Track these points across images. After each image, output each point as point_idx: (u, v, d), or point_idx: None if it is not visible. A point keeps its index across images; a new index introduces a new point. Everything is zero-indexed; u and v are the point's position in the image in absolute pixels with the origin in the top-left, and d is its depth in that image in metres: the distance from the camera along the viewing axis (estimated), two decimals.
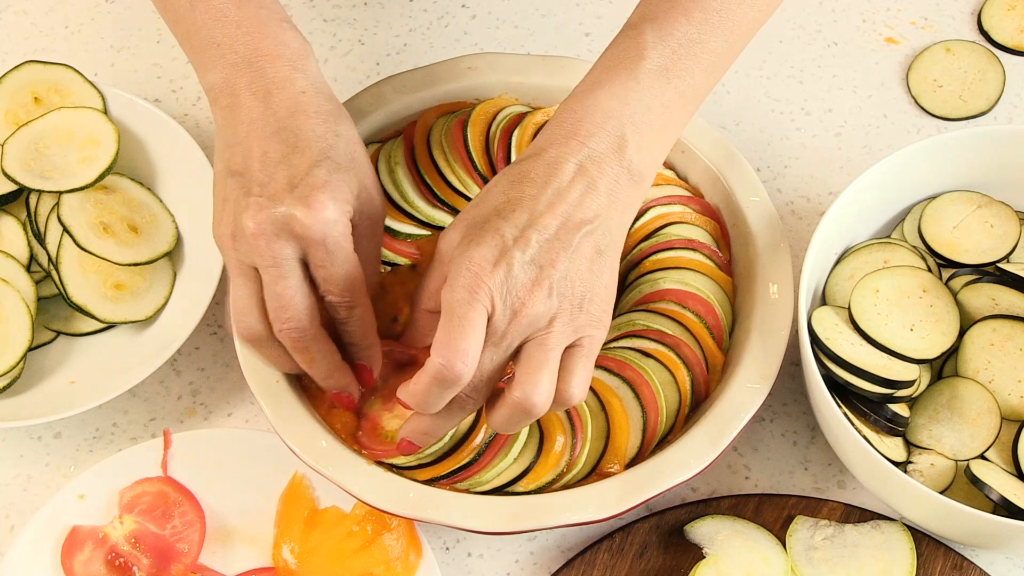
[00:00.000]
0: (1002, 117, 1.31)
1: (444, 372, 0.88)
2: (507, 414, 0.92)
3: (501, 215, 0.92)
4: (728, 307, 1.11)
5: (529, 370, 0.91)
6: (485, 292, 0.89)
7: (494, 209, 0.93)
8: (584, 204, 0.93)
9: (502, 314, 0.89)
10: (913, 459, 1.05)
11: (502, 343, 0.90)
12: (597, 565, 1.05)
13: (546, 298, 0.90)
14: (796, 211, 1.25)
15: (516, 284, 0.90)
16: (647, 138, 0.96)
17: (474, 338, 0.88)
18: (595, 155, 0.94)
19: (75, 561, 1.05)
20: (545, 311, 0.90)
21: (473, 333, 0.88)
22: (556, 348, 0.91)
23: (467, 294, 0.89)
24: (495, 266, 0.89)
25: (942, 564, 1.05)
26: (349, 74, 1.33)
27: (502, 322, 0.90)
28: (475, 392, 0.92)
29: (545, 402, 0.91)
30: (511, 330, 0.90)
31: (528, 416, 0.92)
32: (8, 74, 1.22)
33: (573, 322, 0.92)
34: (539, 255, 0.91)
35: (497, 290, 0.89)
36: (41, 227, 1.16)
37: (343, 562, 1.05)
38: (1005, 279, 1.09)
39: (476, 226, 0.92)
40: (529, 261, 0.90)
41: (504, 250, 0.90)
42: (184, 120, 1.29)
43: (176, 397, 1.16)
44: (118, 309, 1.14)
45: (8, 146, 1.17)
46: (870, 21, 1.37)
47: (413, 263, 1.14)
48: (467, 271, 0.89)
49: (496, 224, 0.91)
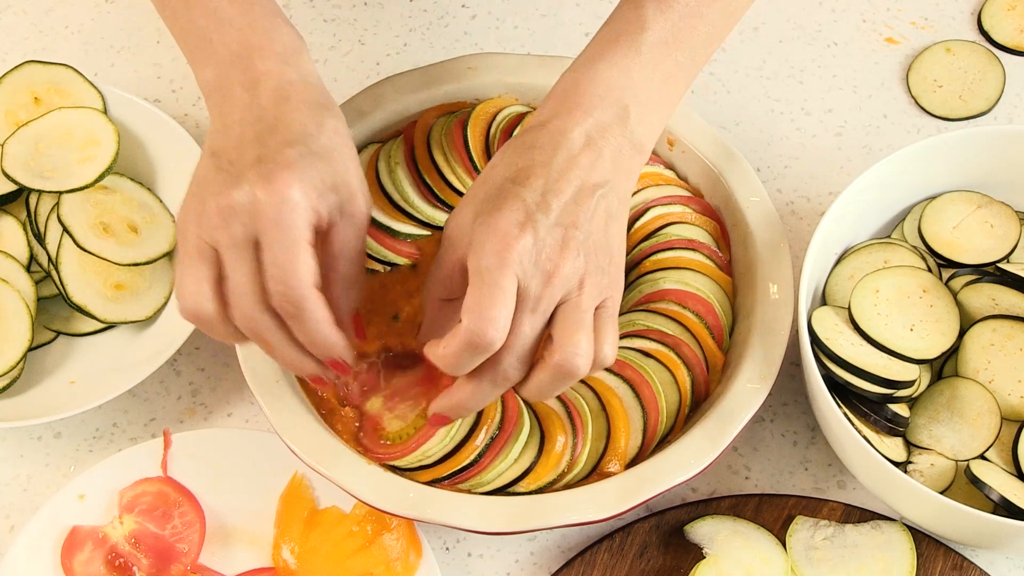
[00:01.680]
0: (1002, 117, 1.31)
1: (475, 339, 0.87)
2: (548, 379, 0.91)
3: (517, 182, 0.91)
4: (728, 307, 1.11)
5: (568, 332, 0.90)
6: (515, 257, 0.88)
7: (507, 179, 0.92)
8: (594, 170, 0.93)
9: (535, 278, 0.89)
10: (913, 459, 1.05)
11: (539, 307, 0.89)
12: (597, 565, 1.05)
13: (575, 258, 0.90)
14: (796, 211, 1.25)
15: (545, 247, 0.89)
16: (648, 109, 0.97)
17: (505, 305, 0.87)
18: (600, 125, 0.94)
19: (75, 561, 1.05)
20: (575, 272, 0.90)
21: (504, 299, 0.87)
22: (590, 309, 0.91)
23: (497, 260, 0.88)
24: (522, 229, 0.89)
25: (942, 564, 1.05)
26: (349, 74, 1.33)
27: (537, 286, 0.89)
28: (519, 362, 0.91)
29: (587, 363, 0.90)
30: (546, 293, 0.89)
31: (570, 379, 0.91)
32: (8, 74, 1.22)
33: (599, 283, 0.92)
34: (562, 217, 0.90)
35: (527, 254, 0.88)
36: (41, 227, 1.16)
37: (343, 562, 1.05)
38: (1005, 279, 1.09)
39: (491, 198, 0.91)
40: (554, 224, 0.90)
41: (529, 214, 0.89)
42: (184, 120, 1.29)
43: (176, 397, 1.16)
44: (118, 309, 1.14)
45: (8, 146, 1.17)
46: (870, 21, 1.37)
47: (413, 263, 1.14)
48: (494, 237, 0.88)
49: (514, 191, 0.91)
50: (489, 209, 0.90)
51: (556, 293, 0.90)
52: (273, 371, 1.05)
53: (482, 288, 0.88)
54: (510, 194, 0.91)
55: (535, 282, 0.89)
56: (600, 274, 0.92)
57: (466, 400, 0.93)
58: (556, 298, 0.90)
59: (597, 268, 0.92)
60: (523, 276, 0.88)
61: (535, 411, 1.05)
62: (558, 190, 0.91)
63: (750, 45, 1.35)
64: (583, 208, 0.91)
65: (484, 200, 0.92)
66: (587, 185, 0.92)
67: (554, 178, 0.91)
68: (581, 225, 0.91)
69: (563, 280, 0.90)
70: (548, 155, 0.92)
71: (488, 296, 0.87)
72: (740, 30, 1.36)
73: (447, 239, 0.95)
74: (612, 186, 0.94)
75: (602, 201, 0.93)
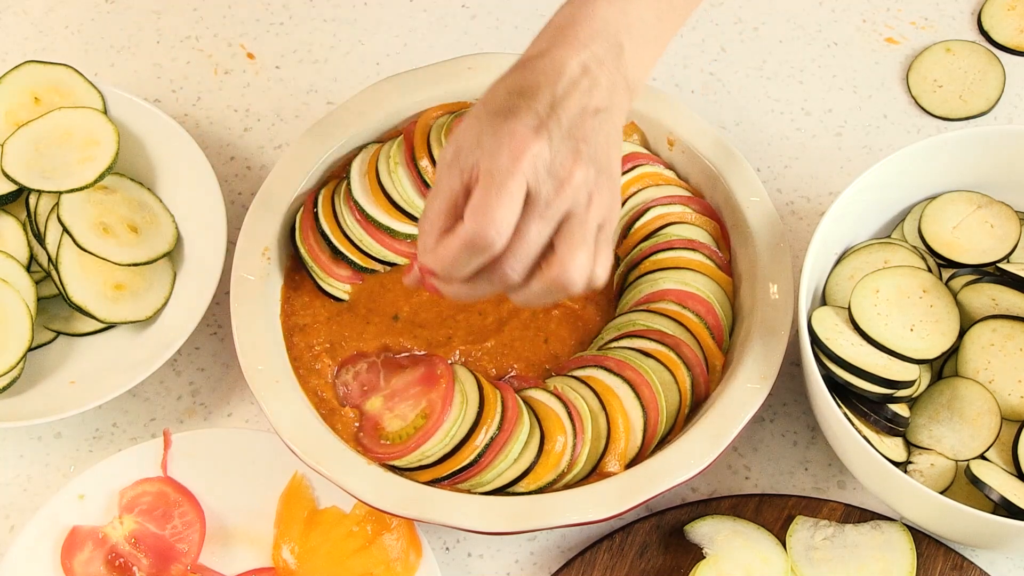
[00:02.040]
0: (1002, 117, 1.31)
1: (476, 239, 0.87)
2: (542, 290, 0.91)
3: (525, 96, 0.91)
4: (728, 307, 1.11)
5: (570, 247, 0.90)
6: (529, 160, 0.87)
7: (513, 94, 0.91)
8: (593, 95, 0.92)
9: (547, 184, 0.88)
10: (913, 459, 1.05)
11: (547, 214, 0.89)
12: (597, 565, 1.05)
13: (587, 170, 0.90)
14: (796, 211, 1.25)
15: (559, 154, 0.89)
16: (641, 48, 0.97)
17: (511, 208, 0.87)
18: (596, 58, 0.94)
19: (75, 561, 1.05)
20: (585, 183, 0.90)
21: (511, 202, 0.87)
22: (593, 227, 0.91)
23: (510, 162, 0.87)
24: (537, 134, 0.88)
25: (942, 564, 1.05)
26: (349, 74, 1.33)
27: (548, 193, 0.88)
28: (521, 266, 0.90)
29: (583, 279, 0.90)
30: (557, 201, 0.89)
31: (564, 293, 0.91)
32: (8, 74, 1.22)
33: (604, 202, 0.91)
34: (572, 130, 0.90)
35: (541, 159, 0.88)
36: (41, 227, 1.16)
37: (343, 562, 1.05)
38: (1005, 279, 1.08)
39: (500, 111, 0.90)
40: (566, 134, 0.90)
41: (542, 121, 0.89)
42: (184, 120, 1.29)
43: (176, 397, 1.16)
44: (118, 309, 1.14)
45: (8, 146, 1.17)
46: (870, 21, 1.37)
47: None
48: (510, 141, 0.88)
49: (524, 102, 0.90)
50: (499, 121, 0.90)
51: (566, 202, 0.89)
52: (273, 371, 1.05)
53: (491, 189, 0.87)
54: (520, 106, 0.90)
55: (547, 188, 0.88)
56: (606, 193, 0.92)
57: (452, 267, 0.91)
58: (564, 208, 0.89)
59: (603, 186, 0.91)
60: (535, 181, 0.88)
61: (535, 411, 1.05)
62: (565, 106, 0.91)
63: (750, 45, 1.35)
64: (588, 126, 0.91)
65: (490, 115, 0.91)
66: (589, 108, 0.92)
67: (560, 96, 0.91)
68: (589, 141, 0.91)
69: (574, 190, 0.89)
70: (550, 79, 0.92)
71: (496, 197, 0.87)
72: (740, 30, 1.36)
73: (451, 163, 0.92)
74: (610, 113, 0.94)
75: (603, 124, 0.92)
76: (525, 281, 0.91)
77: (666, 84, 1.32)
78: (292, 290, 1.12)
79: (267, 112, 1.31)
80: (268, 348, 1.07)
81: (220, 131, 1.29)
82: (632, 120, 1.18)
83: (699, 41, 1.35)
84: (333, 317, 1.11)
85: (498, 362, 1.10)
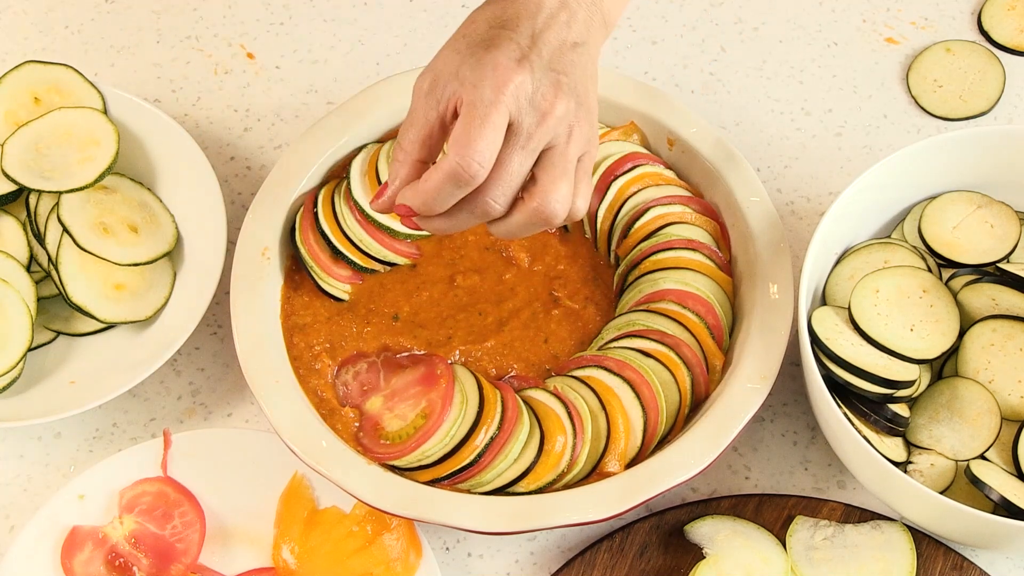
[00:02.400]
0: (1002, 117, 1.31)
1: (459, 171, 0.87)
2: (524, 221, 0.91)
3: (506, 27, 0.91)
4: (728, 307, 1.11)
5: (552, 178, 0.90)
6: (511, 91, 0.88)
7: (494, 25, 0.92)
8: (571, 29, 0.93)
9: (530, 115, 0.89)
10: (913, 459, 1.05)
11: (529, 145, 0.89)
12: (597, 565, 1.05)
13: (568, 101, 0.90)
14: (796, 211, 1.25)
15: (541, 85, 0.89)
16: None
17: (493, 139, 0.87)
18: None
19: (75, 561, 1.05)
20: (566, 115, 0.90)
21: (493, 133, 0.87)
22: (574, 159, 0.91)
23: (493, 93, 0.87)
24: (520, 65, 0.89)
25: (942, 564, 1.05)
26: (349, 74, 1.33)
27: (530, 124, 0.89)
28: (503, 196, 0.91)
29: (564, 211, 0.91)
30: (539, 132, 0.89)
31: (545, 225, 0.91)
32: (8, 74, 1.22)
33: (585, 134, 0.92)
34: (552, 63, 0.91)
35: (523, 90, 0.88)
36: (41, 227, 1.16)
37: (343, 562, 1.05)
38: (1005, 279, 1.08)
39: (481, 42, 0.91)
40: (547, 66, 0.90)
41: (524, 53, 0.90)
42: (184, 120, 1.29)
43: (176, 397, 1.16)
44: (118, 309, 1.14)
45: (8, 146, 1.17)
46: (870, 21, 1.37)
47: (413, 263, 1.15)
48: (493, 72, 0.88)
49: (505, 34, 0.91)
50: (480, 51, 0.90)
51: (547, 133, 0.90)
52: (273, 371, 1.05)
53: (473, 121, 0.87)
54: (501, 37, 0.90)
55: (529, 119, 0.89)
56: (585, 125, 0.92)
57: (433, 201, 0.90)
58: (546, 139, 0.90)
59: (584, 120, 0.92)
60: (517, 112, 0.88)
61: (535, 411, 1.05)
62: (545, 39, 0.91)
63: (750, 45, 1.35)
64: (567, 59, 0.92)
65: (470, 46, 0.91)
66: (567, 41, 0.92)
67: (540, 28, 0.91)
68: (568, 73, 0.91)
69: (556, 121, 0.90)
70: (531, 10, 0.92)
71: (478, 129, 0.87)
72: (740, 30, 1.36)
73: (428, 93, 0.92)
74: (587, 47, 0.94)
75: (581, 57, 0.93)
76: (507, 213, 0.92)
77: (666, 84, 1.32)
78: (292, 290, 1.12)
79: (267, 112, 1.31)
80: (268, 348, 1.07)
81: (220, 131, 1.29)
82: (632, 120, 1.18)
83: (699, 41, 1.35)
84: (333, 317, 1.11)
85: (498, 362, 1.10)
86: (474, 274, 1.14)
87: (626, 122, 1.18)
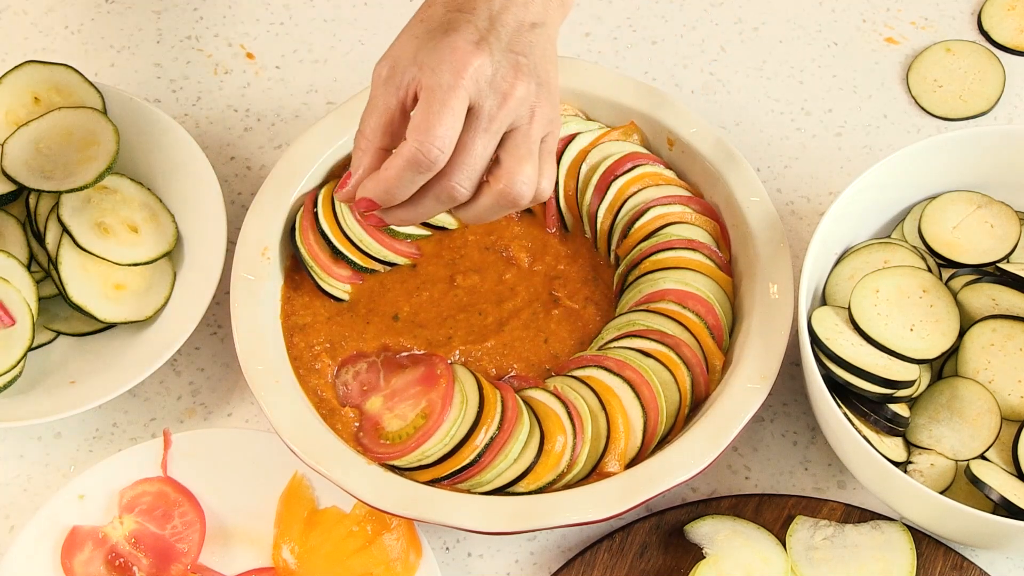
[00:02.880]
0: (1002, 117, 1.31)
1: (419, 156, 0.87)
2: (491, 204, 0.92)
3: (463, 10, 0.91)
4: (728, 307, 1.11)
5: (517, 159, 0.91)
6: (471, 75, 0.88)
7: (450, 8, 0.92)
8: (529, 10, 0.93)
9: (491, 98, 0.89)
10: (913, 459, 1.05)
11: (491, 127, 0.89)
12: (597, 565, 1.05)
13: (528, 83, 0.90)
14: (796, 211, 1.25)
15: (501, 67, 0.89)
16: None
17: (453, 125, 0.87)
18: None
19: (75, 561, 1.05)
20: (527, 96, 0.90)
21: (452, 119, 0.87)
22: (537, 140, 0.92)
23: (452, 77, 0.87)
24: (478, 48, 0.89)
25: (942, 564, 1.05)
26: (349, 74, 1.33)
27: (492, 106, 0.89)
28: (468, 180, 0.91)
29: (531, 192, 0.91)
30: (500, 115, 0.89)
31: (512, 207, 0.91)
32: (8, 74, 1.21)
33: (547, 115, 0.92)
34: (511, 44, 0.91)
35: (483, 73, 0.88)
36: (41, 227, 1.16)
37: (343, 562, 1.05)
38: (1005, 279, 1.08)
39: (438, 27, 0.91)
40: (506, 48, 0.90)
41: (482, 36, 0.89)
42: (184, 120, 1.29)
43: (176, 397, 1.16)
44: (118, 309, 1.14)
45: (8, 146, 1.17)
46: (870, 21, 1.37)
47: (413, 263, 1.15)
48: (451, 56, 0.88)
49: (463, 17, 0.90)
50: (438, 35, 0.90)
51: (509, 116, 0.90)
52: (273, 371, 1.05)
53: (432, 106, 0.87)
54: (459, 20, 0.90)
55: (490, 102, 0.89)
56: (547, 106, 0.92)
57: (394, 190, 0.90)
58: (508, 121, 0.90)
59: (546, 101, 0.92)
60: (477, 95, 0.88)
61: (535, 411, 1.05)
62: (503, 21, 0.91)
63: (750, 45, 1.35)
64: (526, 40, 0.92)
65: (428, 31, 0.91)
66: (525, 22, 0.92)
67: (497, 10, 0.91)
68: (528, 55, 0.91)
69: (517, 102, 0.90)
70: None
71: (437, 114, 0.87)
72: (740, 30, 1.36)
73: (387, 80, 0.92)
74: (546, 27, 0.94)
75: (540, 38, 0.93)
76: (473, 197, 0.92)
77: (666, 84, 1.32)
78: (292, 290, 1.12)
79: (267, 112, 1.31)
80: (268, 348, 1.07)
81: (220, 131, 1.29)
82: (632, 120, 1.18)
83: (699, 41, 1.35)
84: (333, 317, 1.11)
85: (498, 362, 1.10)
86: (474, 274, 1.14)
87: (626, 122, 1.18)
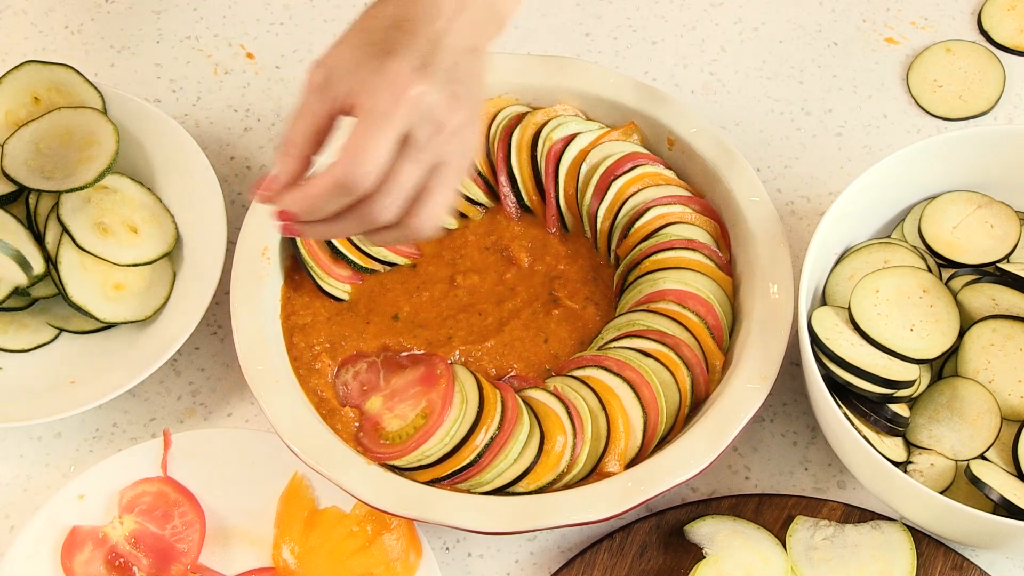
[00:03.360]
0: (1002, 117, 1.31)
1: (345, 180, 0.87)
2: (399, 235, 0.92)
3: (404, 31, 0.90)
4: (728, 307, 1.11)
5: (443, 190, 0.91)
6: (409, 103, 0.87)
7: (392, 27, 0.91)
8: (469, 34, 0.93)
9: (425, 128, 0.88)
10: (913, 459, 1.05)
11: (421, 157, 0.89)
12: (597, 565, 1.05)
13: (462, 115, 0.90)
14: (796, 211, 1.25)
15: (439, 98, 0.89)
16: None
17: (385, 149, 0.87)
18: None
19: (75, 561, 1.05)
20: (459, 129, 0.90)
21: (385, 144, 0.87)
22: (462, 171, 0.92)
23: (390, 104, 0.87)
24: (419, 75, 0.88)
25: (942, 564, 1.05)
26: None
27: (425, 136, 0.89)
28: (394, 206, 0.90)
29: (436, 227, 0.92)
30: (431, 146, 0.89)
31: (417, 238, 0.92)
32: (8, 74, 1.22)
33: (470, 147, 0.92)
34: (451, 72, 0.90)
35: (422, 102, 0.88)
36: (41, 227, 1.16)
37: (343, 562, 1.05)
38: (1005, 279, 1.08)
39: (379, 46, 0.90)
40: (445, 78, 0.90)
41: (424, 62, 0.89)
42: (184, 120, 1.29)
43: (176, 397, 1.16)
44: (118, 309, 1.14)
45: (8, 146, 1.17)
46: (870, 21, 1.37)
47: (413, 263, 1.15)
48: (392, 79, 0.87)
49: (405, 39, 0.90)
50: (380, 54, 0.89)
51: (441, 147, 0.90)
52: (273, 371, 1.05)
53: (367, 131, 0.87)
54: (401, 42, 0.90)
55: (424, 132, 0.88)
56: (472, 137, 0.92)
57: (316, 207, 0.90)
58: (439, 152, 0.90)
59: (472, 131, 0.92)
60: (412, 124, 0.88)
61: (535, 411, 1.05)
62: (444, 45, 0.90)
63: (750, 45, 1.35)
64: (463, 68, 0.91)
65: (368, 45, 0.90)
66: (465, 48, 0.92)
67: (438, 33, 0.91)
68: (464, 82, 0.91)
69: (450, 135, 0.89)
70: (429, 12, 0.91)
71: (372, 139, 0.87)
72: (740, 30, 1.36)
73: (320, 86, 0.91)
74: (481, 52, 0.94)
75: (475, 63, 0.93)
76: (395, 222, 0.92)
77: (666, 84, 1.32)
78: (292, 290, 1.12)
79: (267, 112, 1.31)
80: (268, 348, 1.07)
81: (220, 131, 1.29)
82: (632, 120, 1.18)
83: (699, 41, 1.35)
84: (333, 317, 1.11)
85: (498, 362, 1.10)
86: (474, 274, 1.14)
87: (626, 122, 1.18)
